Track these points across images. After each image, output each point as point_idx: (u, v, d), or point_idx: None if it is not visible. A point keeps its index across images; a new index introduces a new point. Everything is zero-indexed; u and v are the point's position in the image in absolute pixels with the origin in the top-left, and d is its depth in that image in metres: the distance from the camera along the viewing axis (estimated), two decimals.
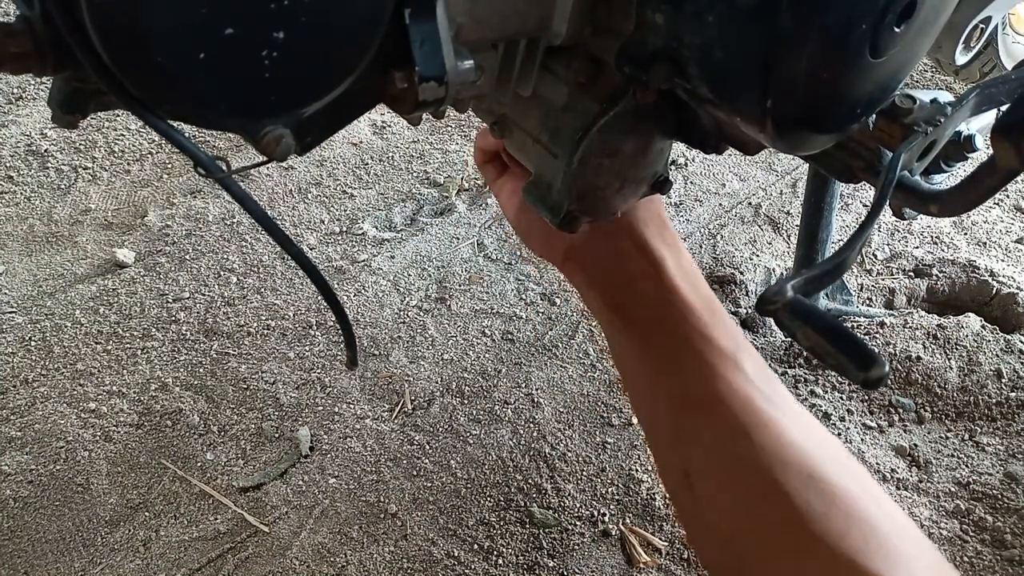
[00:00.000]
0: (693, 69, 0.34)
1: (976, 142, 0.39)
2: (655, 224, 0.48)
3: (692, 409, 0.44)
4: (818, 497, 0.39)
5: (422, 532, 0.79)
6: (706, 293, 0.47)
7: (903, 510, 0.42)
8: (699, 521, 0.44)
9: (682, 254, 0.48)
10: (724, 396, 0.42)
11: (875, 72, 0.34)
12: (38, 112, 1.41)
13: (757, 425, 0.41)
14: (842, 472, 0.40)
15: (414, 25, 0.31)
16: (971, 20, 0.85)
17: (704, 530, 0.43)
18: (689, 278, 0.47)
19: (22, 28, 0.27)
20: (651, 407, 0.47)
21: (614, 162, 0.43)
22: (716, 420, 0.42)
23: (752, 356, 0.45)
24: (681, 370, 0.44)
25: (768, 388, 0.43)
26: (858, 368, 0.27)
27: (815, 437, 0.42)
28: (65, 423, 0.89)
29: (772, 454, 0.40)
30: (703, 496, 0.43)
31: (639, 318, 0.47)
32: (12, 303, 1.04)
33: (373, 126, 1.41)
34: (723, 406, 0.42)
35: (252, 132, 0.31)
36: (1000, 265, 1.08)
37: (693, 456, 0.43)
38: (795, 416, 0.43)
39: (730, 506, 0.41)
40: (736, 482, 0.41)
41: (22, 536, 0.79)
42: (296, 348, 0.99)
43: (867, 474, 0.42)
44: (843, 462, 0.42)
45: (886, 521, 0.38)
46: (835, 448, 0.43)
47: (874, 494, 0.40)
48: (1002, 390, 0.90)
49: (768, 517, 0.39)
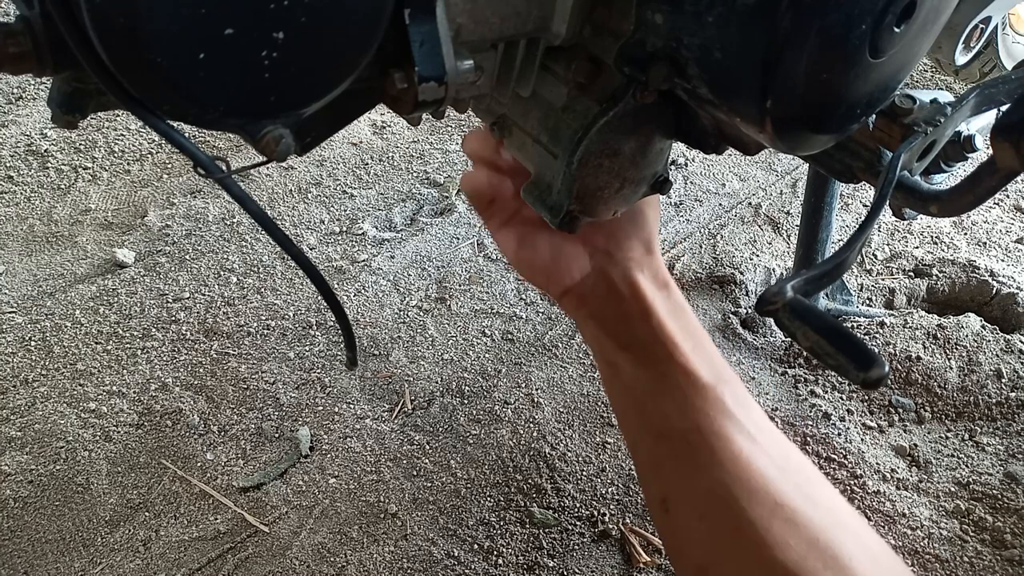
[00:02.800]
0: (692, 69, 0.34)
1: (976, 142, 0.39)
2: (648, 267, 0.52)
3: (671, 440, 0.47)
4: (782, 526, 0.41)
5: (422, 532, 0.79)
6: (693, 328, 0.50)
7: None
8: (675, 546, 0.47)
9: (672, 292, 0.52)
10: (700, 428, 0.45)
11: (875, 72, 0.34)
12: (38, 112, 1.41)
13: (730, 457, 0.44)
14: (809, 499, 0.43)
15: (414, 25, 0.31)
16: (971, 20, 0.85)
17: (680, 554, 0.47)
18: (676, 316, 0.50)
19: (22, 28, 0.27)
20: (635, 435, 0.50)
21: (614, 162, 0.43)
22: (692, 451, 0.45)
23: (733, 387, 0.48)
24: (663, 403, 0.47)
25: (745, 419, 0.46)
26: (858, 368, 0.27)
27: (787, 465, 0.45)
28: (65, 423, 0.89)
29: (742, 485, 0.43)
30: (679, 524, 0.46)
31: (629, 353, 0.50)
32: (12, 303, 1.04)
33: (373, 126, 1.41)
34: (699, 437, 0.45)
35: (252, 132, 0.31)
36: (1000, 265, 1.08)
37: (670, 484, 0.47)
38: (769, 446, 0.46)
39: (703, 537, 0.44)
40: (708, 513, 0.44)
41: (22, 536, 0.79)
42: (296, 348, 0.99)
43: (836, 498, 0.45)
44: (810, 489, 0.44)
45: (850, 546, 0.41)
46: (806, 475, 0.45)
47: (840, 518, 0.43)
48: (1002, 390, 0.90)
49: (737, 549, 0.42)
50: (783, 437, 0.48)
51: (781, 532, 0.40)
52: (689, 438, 0.45)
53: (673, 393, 0.47)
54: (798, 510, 0.41)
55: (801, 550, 0.40)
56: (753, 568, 0.41)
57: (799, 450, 0.48)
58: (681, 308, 0.51)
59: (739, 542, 0.42)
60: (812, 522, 0.41)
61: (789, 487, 0.43)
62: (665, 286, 0.52)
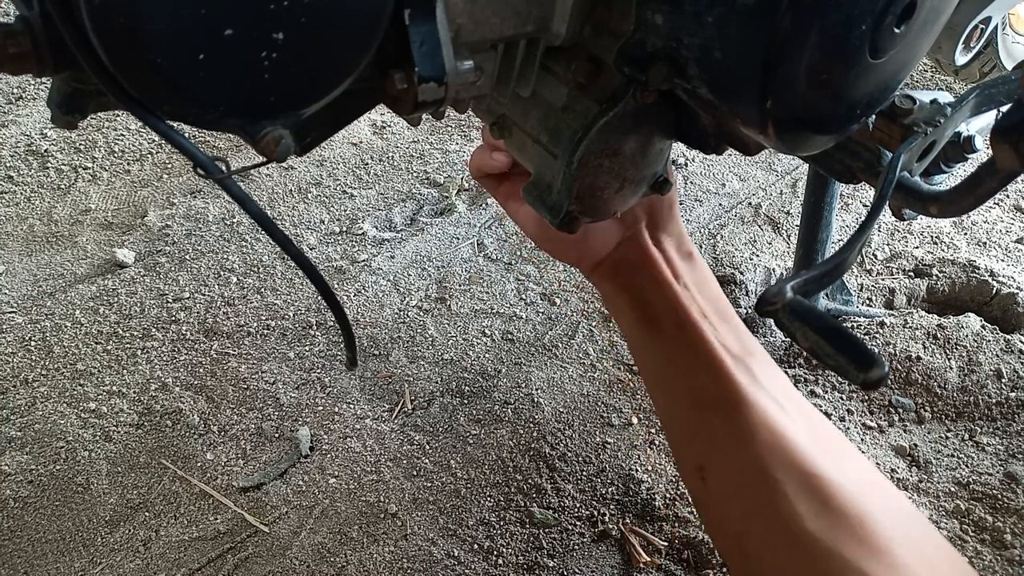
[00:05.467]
0: (692, 70, 0.34)
1: (976, 143, 0.39)
2: (676, 238, 0.53)
3: (707, 409, 0.47)
4: (814, 496, 0.41)
5: (422, 532, 0.79)
6: (719, 299, 0.51)
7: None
8: (711, 514, 0.48)
9: (696, 262, 0.53)
10: (735, 398, 0.46)
11: (875, 73, 0.34)
12: (38, 112, 1.41)
13: (763, 427, 0.44)
14: (839, 469, 0.43)
15: (414, 26, 0.31)
16: (971, 20, 0.85)
17: (716, 524, 0.47)
18: (703, 287, 0.51)
19: (21, 29, 0.27)
20: (669, 405, 0.51)
21: (614, 163, 0.43)
22: (727, 420, 0.46)
23: (761, 359, 0.48)
24: (697, 372, 0.48)
25: (775, 389, 0.47)
26: (858, 369, 0.27)
27: (818, 435, 0.45)
28: (65, 423, 0.89)
29: (775, 455, 0.43)
30: (715, 493, 0.47)
31: (662, 322, 0.50)
32: (12, 303, 1.04)
33: (373, 126, 1.41)
34: (733, 407, 0.45)
35: (251, 133, 0.31)
36: (1000, 265, 1.08)
37: (706, 453, 0.47)
38: (799, 416, 0.46)
39: (738, 506, 0.45)
40: (743, 482, 0.44)
41: (22, 536, 0.79)
42: (296, 348, 0.99)
43: (867, 467, 0.45)
44: (841, 459, 0.44)
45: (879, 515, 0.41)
46: (836, 445, 0.46)
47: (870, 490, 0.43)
48: (1002, 390, 0.90)
49: (770, 518, 0.42)
50: (811, 407, 0.48)
51: (813, 502, 0.41)
52: (724, 407, 0.46)
53: (707, 363, 0.47)
54: (830, 480, 0.42)
55: (833, 520, 0.40)
56: (786, 537, 0.41)
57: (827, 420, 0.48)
58: (706, 278, 0.52)
59: (772, 512, 0.42)
60: (843, 492, 0.41)
61: (820, 457, 0.43)
62: (689, 256, 0.53)
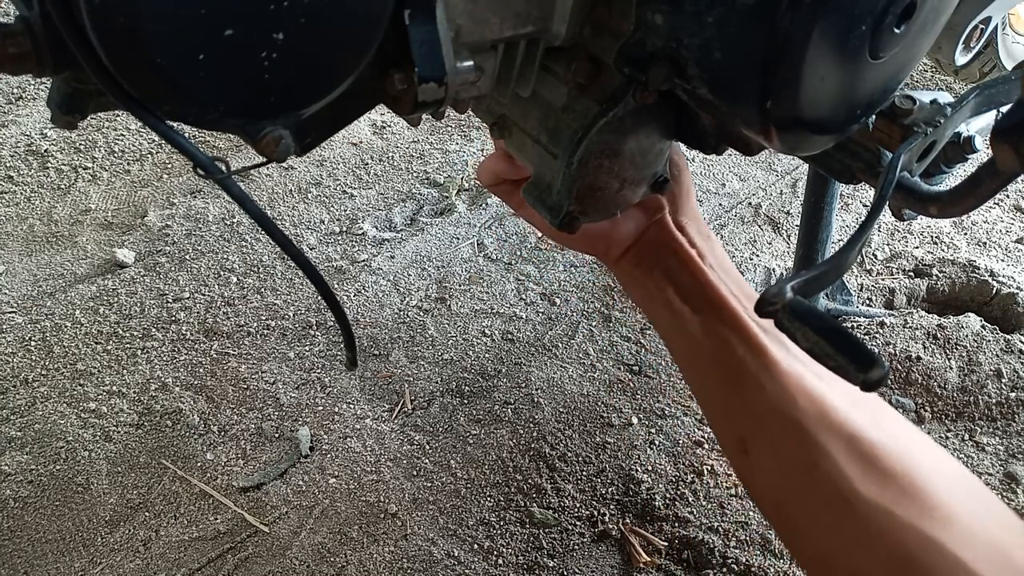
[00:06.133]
0: (692, 70, 0.34)
1: (976, 143, 0.39)
2: (696, 221, 0.54)
3: (744, 382, 0.48)
4: (859, 459, 0.42)
5: (422, 532, 0.79)
6: (740, 278, 0.52)
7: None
8: (754, 484, 0.49)
9: (717, 245, 0.54)
10: (772, 369, 0.46)
11: (875, 73, 0.34)
12: (38, 112, 1.41)
13: (803, 394, 0.45)
14: (883, 431, 0.43)
15: (414, 26, 0.31)
16: (971, 20, 0.85)
17: (759, 492, 0.48)
18: (724, 267, 0.52)
19: (21, 29, 0.27)
20: (705, 382, 0.52)
21: (614, 163, 0.43)
22: (765, 390, 0.46)
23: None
24: (734, 347, 0.48)
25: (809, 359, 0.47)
26: (858, 369, 0.27)
27: (857, 399, 0.46)
28: (65, 423, 0.89)
29: (817, 421, 0.44)
30: (757, 462, 0.47)
31: (695, 301, 0.51)
32: (12, 303, 1.04)
33: (373, 126, 1.41)
34: (770, 378, 0.46)
35: (251, 133, 0.31)
36: (1000, 265, 1.08)
37: (746, 425, 0.48)
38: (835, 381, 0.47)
39: (782, 475, 0.45)
40: (787, 451, 0.45)
41: (22, 536, 0.79)
42: (296, 348, 0.99)
43: (909, 428, 0.46)
44: (883, 421, 0.45)
45: (926, 473, 0.41)
46: (877, 408, 0.46)
47: (915, 449, 0.43)
48: (1002, 390, 0.90)
49: (814, 484, 0.43)
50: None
51: (860, 464, 0.41)
52: (761, 378, 0.46)
53: (741, 337, 0.48)
54: (875, 441, 0.42)
55: (881, 480, 0.40)
56: (835, 500, 0.41)
57: None
58: (725, 257, 0.53)
59: (819, 476, 0.42)
60: (890, 452, 0.42)
61: (862, 420, 0.43)
62: (709, 237, 0.53)
